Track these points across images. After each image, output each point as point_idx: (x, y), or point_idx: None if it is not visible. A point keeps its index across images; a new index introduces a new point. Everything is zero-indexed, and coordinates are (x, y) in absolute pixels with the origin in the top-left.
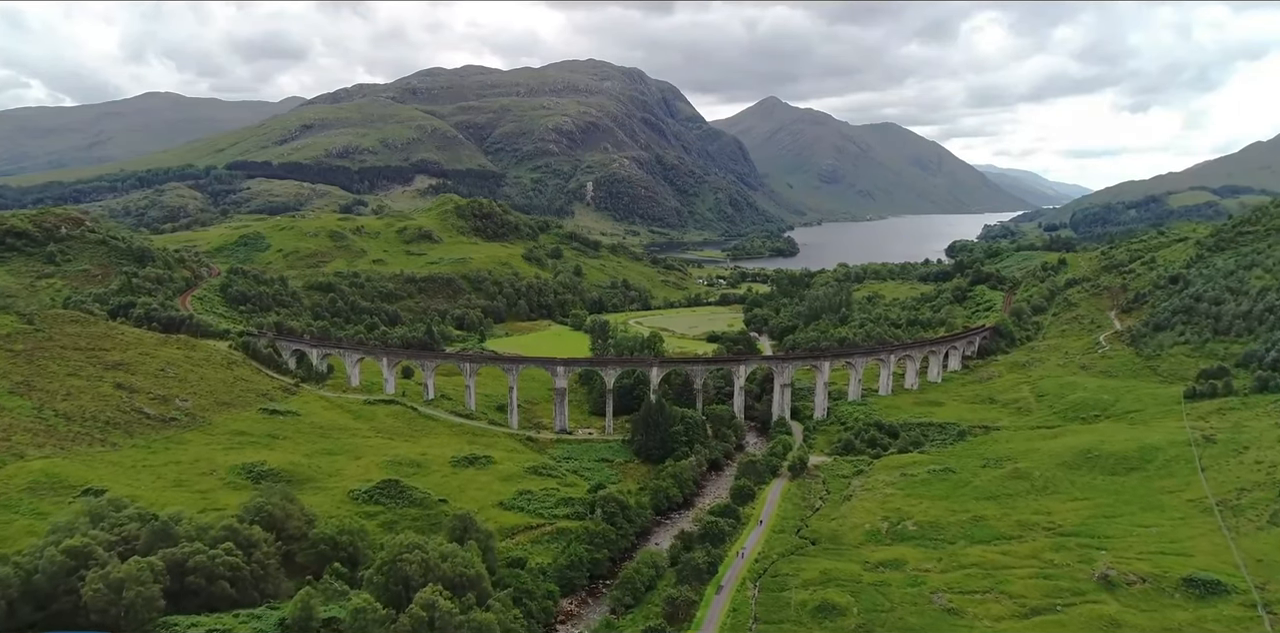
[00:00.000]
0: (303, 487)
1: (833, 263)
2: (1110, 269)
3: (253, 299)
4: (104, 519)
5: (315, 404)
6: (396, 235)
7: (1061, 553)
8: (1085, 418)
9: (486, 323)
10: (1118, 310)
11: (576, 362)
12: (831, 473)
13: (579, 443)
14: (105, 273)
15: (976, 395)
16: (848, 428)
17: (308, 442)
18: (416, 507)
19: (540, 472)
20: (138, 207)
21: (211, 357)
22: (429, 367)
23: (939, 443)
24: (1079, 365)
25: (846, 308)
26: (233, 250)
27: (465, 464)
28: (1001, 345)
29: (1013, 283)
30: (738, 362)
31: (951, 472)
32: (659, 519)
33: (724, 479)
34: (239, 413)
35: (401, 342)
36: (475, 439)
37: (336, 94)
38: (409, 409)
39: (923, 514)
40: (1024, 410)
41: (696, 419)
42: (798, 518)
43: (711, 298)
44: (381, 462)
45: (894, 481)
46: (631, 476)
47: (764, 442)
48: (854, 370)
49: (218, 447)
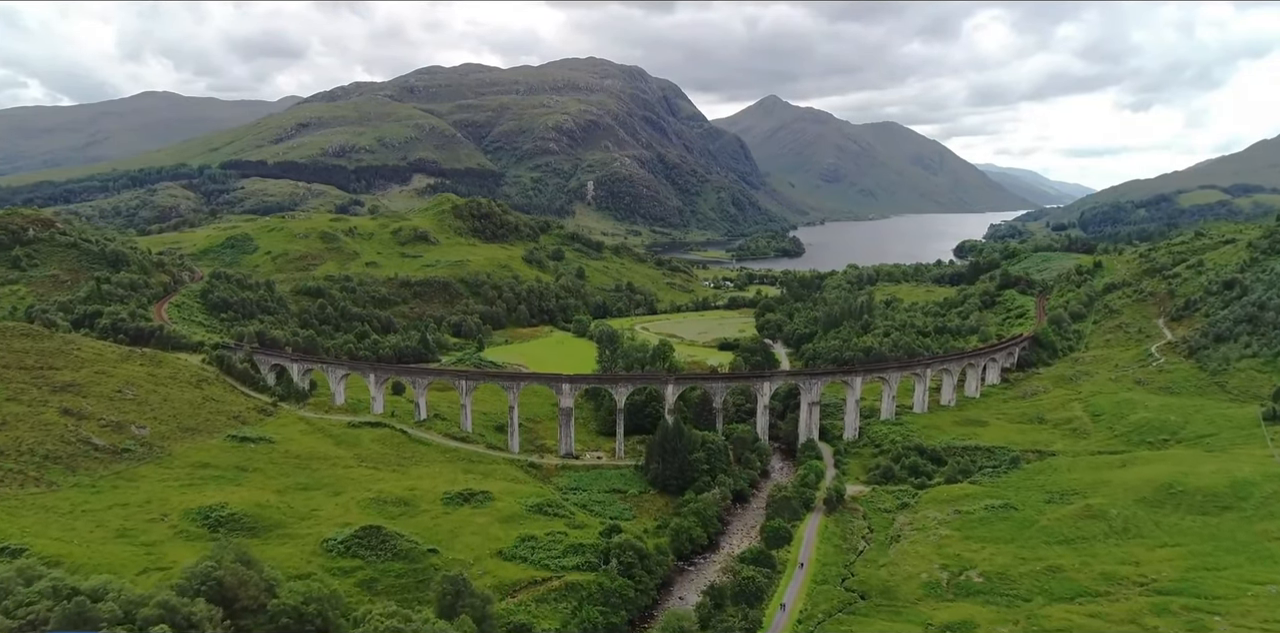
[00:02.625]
0: (269, 535)
1: (840, 263)
2: (1152, 273)
3: (235, 306)
4: (8, 597)
5: (293, 428)
6: (391, 237)
7: (1165, 618)
8: (1152, 443)
9: (485, 330)
10: (1166, 318)
11: (584, 379)
12: (872, 506)
13: (587, 469)
14: (75, 278)
15: (1023, 414)
16: (884, 452)
17: (281, 474)
18: (401, 560)
19: (545, 510)
20: (128, 207)
21: (180, 374)
22: (421, 384)
23: (990, 472)
24: (1134, 380)
25: (869, 315)
26: (219, 253)
27: (459, 501)
28: (1043, 357)
29: (1042, 287)
30: (761, 378)
31: (1013, 509)
32: (681, 566)
33: (750, 513)
34: (205, 441)
35: (394, 351)
36: (472, 467)
37: (333, 92)
38: (398, 433)
39: (987, 562)
40: (1080, 433)
41: (718, 444)
42: (840, 563)
43: (720, 301)
44: (364, 500)
45: (947, 518)
46: (647, 510)
47: (790, 467)
48: (887, 386)
49: (175, 483)
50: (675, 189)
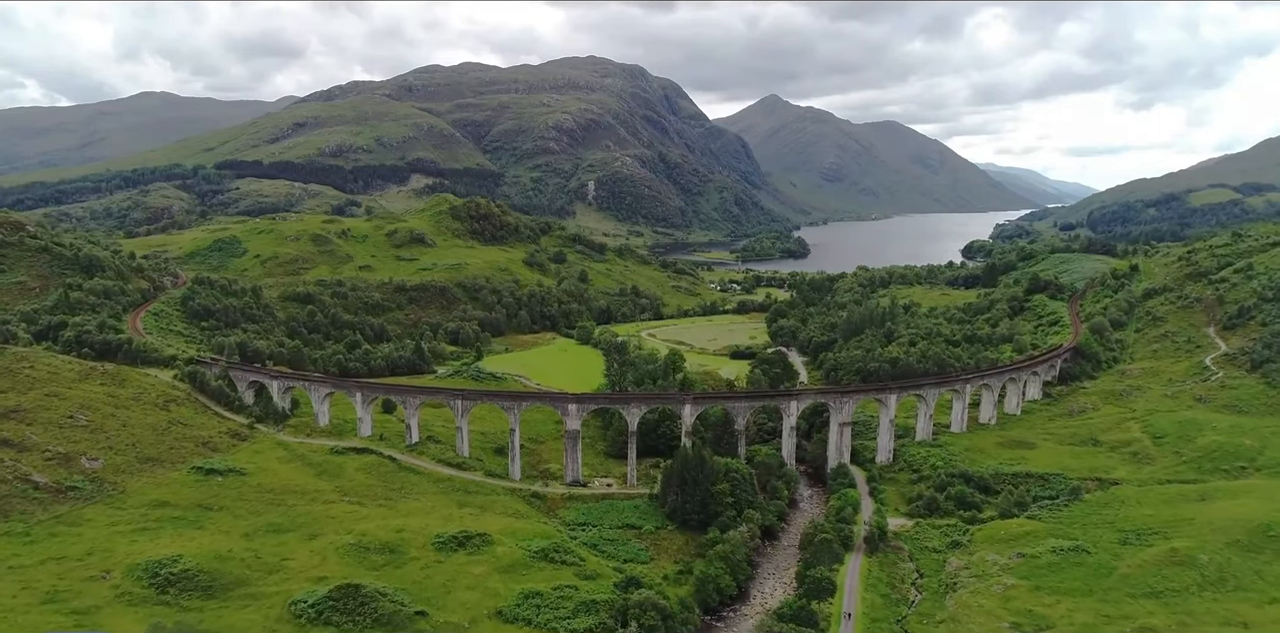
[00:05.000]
0: (229, 595)
1: (846, 264)
2: (1196, 277)
3: (217, 314)
4: None
5: (269, 455)
6: (386, 239)
7: None
8: (1228, 471)
9: (484, 337)
10: (1217, 327)
11: (592, 399)
12: (918, 544)
13: (596, 500)
14: (45, 286)
15: (1073, 434)
16: (923, 478)
17: (251, 513)
18: (383, 628)
19: (552, 557)
20: (120, 208)
21: (145, 394)
22: (412, 404)
23: (1049, 505)
24: (1193, 397)
25: (891, 322)
26: (205, 256)
27: (454, 546)
28: (1086, 369)
29: (1072, 291)
30: (788, 397)
31: (1085, 552)
32: (709, 620)
33: (781, 552)
34: (166, 474)
35: (386, 362)
36: (468, 499)
37: (330, 92)
38: (386, 460)
39: (1066, 621)
40: (1142, 458)
41: (743, 473)
42: (892, 617)
43: (728, 305)
44: (343, 545)
45: (1009, 563)
46: (666, 549)
47: (819, 494)
48: (924, 404)
49: (126, 528)
50: (677, 189)
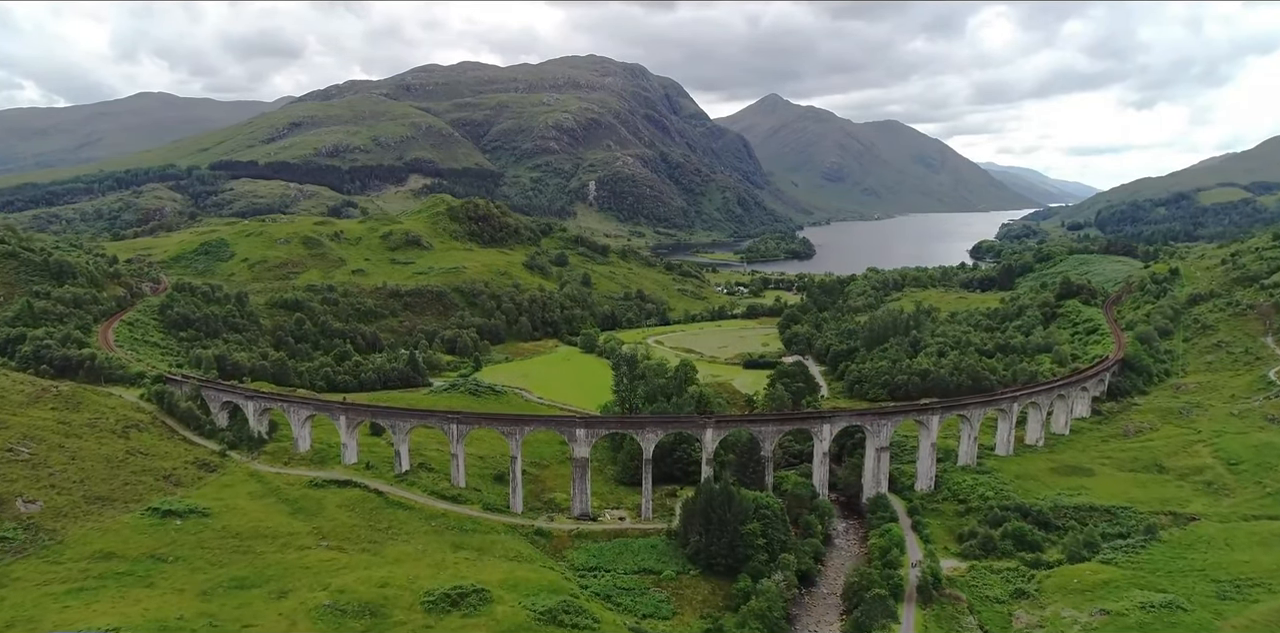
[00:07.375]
0: None
1: (853, 265)
2: (1244, 282)
3: (197, 323)
4: None
5: (240, 490)
6: (380, 241)
7: None
8: None
9: (483, 346)
10: (1275, 336)
11: (603, 422)
12: (977, 593)
13: (608, 537)
14: (11, 294)
15: (1134, 459)
16: (971, 509)
17: (211, 565)
18: None
19: (561, 618)
20: (111, 209)
21: (102, 418)
22: (402, 429)
23: (1123, 546)
24: (1264, 416)
25: (917, 330)
26: (191, 260)
27: (446, 606)
28: (1137, 383)
29: (1105, 296)
30: (820, 419)
31: (1180, 609)
32: None
33: (819, 601)
34: (116, 517)
35: (378, 374)
36: (464, 539)
37: (327, 91)
38: (372, 494)
39: None
40: (1219, 489)
41: (775, 509)
42: None
43: (737, 309)
44: (317, 606)
45: (1091, 623)
46: (689, 600)
47: (855, 527)
48: (967, 424)
49: (59, 589)
50: (679, 189)
